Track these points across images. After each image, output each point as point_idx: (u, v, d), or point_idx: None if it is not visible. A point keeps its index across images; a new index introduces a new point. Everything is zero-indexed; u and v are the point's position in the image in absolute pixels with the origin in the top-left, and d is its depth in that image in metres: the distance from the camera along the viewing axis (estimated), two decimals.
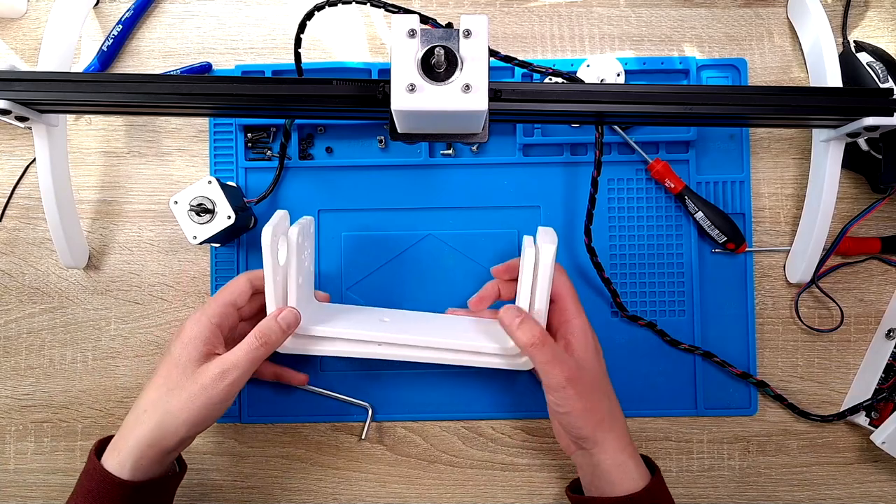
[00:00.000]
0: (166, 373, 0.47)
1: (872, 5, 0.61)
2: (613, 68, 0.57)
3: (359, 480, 0.59)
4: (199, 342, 0.47)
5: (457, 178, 0.59)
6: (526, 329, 0.47)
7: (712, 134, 0.59)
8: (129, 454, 0.46)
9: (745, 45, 0.60)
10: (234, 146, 0.59)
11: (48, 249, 0.60)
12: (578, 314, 0.50)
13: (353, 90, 0.47)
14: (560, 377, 0.46)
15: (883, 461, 0.59)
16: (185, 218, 0.52)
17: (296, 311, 0.49)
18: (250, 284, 0.51)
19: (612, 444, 0.47)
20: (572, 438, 0.49)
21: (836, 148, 0.53)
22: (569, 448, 0.51)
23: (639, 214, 0.59)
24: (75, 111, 0.52)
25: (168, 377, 0.47)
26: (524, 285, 0.49)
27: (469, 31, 0.39)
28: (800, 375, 0.59)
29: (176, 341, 0.48)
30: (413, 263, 0.59)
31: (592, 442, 0.47)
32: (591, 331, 0.50)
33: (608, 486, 0.47)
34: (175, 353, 0.48)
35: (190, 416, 0.46)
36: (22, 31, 0.61)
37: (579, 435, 0.48)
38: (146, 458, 0.46)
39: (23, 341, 0.60)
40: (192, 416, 0.46)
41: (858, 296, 0.60)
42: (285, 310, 0.48)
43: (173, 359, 0.47)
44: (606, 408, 0.48)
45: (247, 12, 0.61)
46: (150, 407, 0.47)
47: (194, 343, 0.47)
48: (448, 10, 0.61)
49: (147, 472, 0.46)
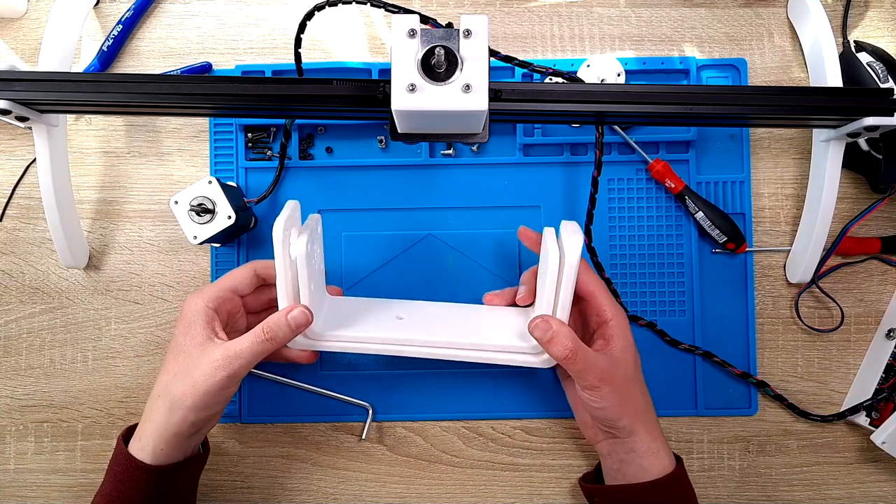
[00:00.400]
0: (173, 358, 0.48)
1: (872, 5, 0.61)
2: (613, 68, 0.57)
3: (359, 480, 0.59)
4: (199, 326, 0.48)
5: (457, 178, 0.59)
6: (558, 344, 0.46)
7: (712, 134, 0.59)
8: (148, 440, 0.47)
9: (746, 45, 0.60)
10: (234, 146, 0.59)
11: (48, 249, 0.60)
12: (615, 311, 0.50)
13: (354, 90, 0.47)
14: (594, 380, 0.47)
15: (883, 461, 0.59)
16: (185, 218, 0.52)
17: (307, 312, 0.47)
18: (254, 274, 0.51)
19: (647, 432, 0.49)
20: (604, 428, 0.50)
21: (836, 148, 0.53)
22: (595, 437, 0.52)
23: (639, 214, 0.59)
24: (75, 111, 0.52)
25: (175, 362, 0.48)
26: (548, 286, 0.47)
27: (469, 31, 0.39)
28: (800, 375, 0.59)
29: (178, 327, 0.49)
30: (413, 263, 0.59)
31: (629, 431, 0.49)
32: (627, 325, 0.51)
33: (639, 471, 0.49)
34: (178, 338, 0.48)
35: (195, 401, 0.46)
36: (22, 31, 0.61)
37: (616, 426, 0.49)
38: (164, 442, 0.47)
39: (23, 341, 0.60)
40: (196, 401, 0.46)
41: (858, 296, 0.59)
42: (296, 308, 0.47)
43: (177, 344, 0.48)
44: (642, 399, 0.50)
45: (247, 12, 0.61)
46: (163, 392, 0.48)
47: (194, 327, 0.48)
48: (448, 10, 0.61)
49: (168, 456, 0.48)
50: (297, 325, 0.47)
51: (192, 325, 0.48)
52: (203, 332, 0.48)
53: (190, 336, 0.48)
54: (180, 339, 0.48)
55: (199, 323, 0.48)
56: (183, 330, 0.48)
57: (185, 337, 0.48)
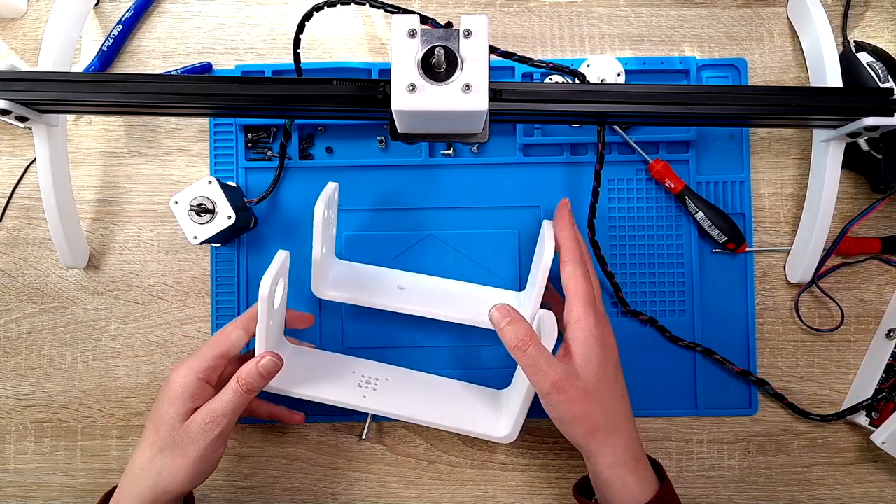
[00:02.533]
0: (154, 430, 0.47)
1: (873, 5, 0.61)
2: (613, 68, 0.57)
3: (359, 480, 0.59)
4: (186, 398, 0.47)
5: (457, 178, 0.59)
6: (511, 330, 0.45)
7: (712, 134, 0.59)
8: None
9: (746, 45, 0.60)
10: (234, 146, 0.59)
11: (48, 249, 0.60)
12: (585, 316, 0.47)
13: (354, 90, 0.47)
14: (544, 383, 0.45)
15: (883, 461, 0.59)
16: (185, 218, 0.52)
17: (276, 360, 0.48)
18: (245, 334, 0.50)
19: (607, 457, 0.46)
20: None
21: (836, 148, 0.53)
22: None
23: (639, 214, 0.59)
24: (75, 111, 0.52)
25: (157, 435, 0.46)
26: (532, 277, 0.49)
27: (469, 30, 0.39)
28: (800, 375, 0.59)
29: (162, 397, 0.47)
30: (413, 263, 0.59)
31: (586, 452, 0.47)
32: (599, 336, 0.47)
33: (609, 495, 0.46)
34: (161, 410, 0.47)
35: (188, 473, 0.46)
36: (22, 31, 0.61)
37: (572, 442, 0.47)
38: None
39: (23, 341, 0.60)
40: (189, 472, 0.46)
41: (858, 296, 0.59)
42: (265, 357, 0.47)
43: (160, 416, 0.47)
44: (601, 419, 0.46)
45: (247, 12, 0.61)
46: (147, 465, 0.46)
47: (181, 399, 0.47)
48: (448, 10, 0.61)
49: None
50: (269, 373, 0.48)
51: (178, 398, 0.47)
52: (191, 403, 0.47)
53: (174, 408, 0.46)
54: (163, 410, 0.46)
55: (187, 395, 0.47)
56: (167, 402, 0.47)
57: (168, 409, 0.46)
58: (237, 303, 0.59)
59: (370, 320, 0.58)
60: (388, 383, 0.55)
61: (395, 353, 0.58)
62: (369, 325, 0.59)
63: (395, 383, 0.55)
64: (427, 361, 0.59)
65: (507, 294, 0.57)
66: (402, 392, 0.55)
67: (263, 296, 0.46)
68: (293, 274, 0.53)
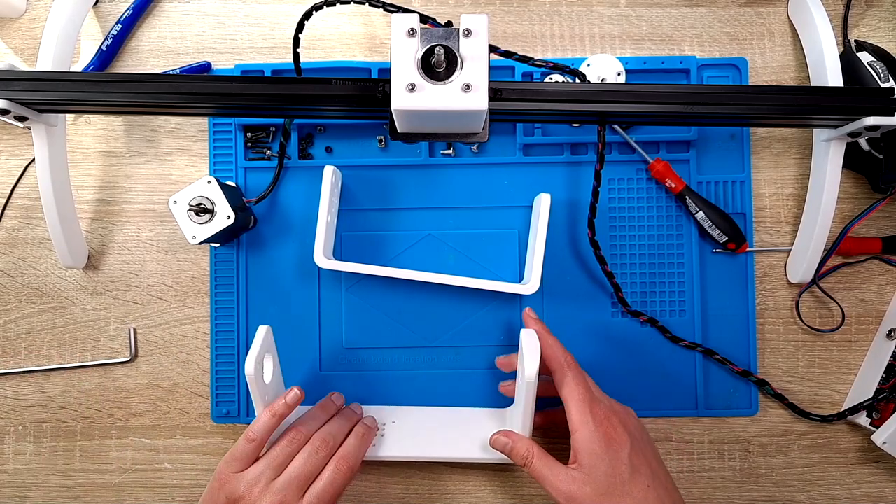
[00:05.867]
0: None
1: (873, 5, 0.61)
2: (614, 68, 0.57)
3: (359, 480, 0.59)
4: None
5: (457, 177, 0.59)
6: (515, 453, 0.49)
7: (713, 133, 0.59)
8: None
9: (746, 45, 0.60)
10: (233, 146, 0.59)
11: (47, 249, 0.60)
12: (583, 422, 0.47)
13: (353, 90, 0.47)
14: (556, 495, 0.46)
15: (884, 461, 0.59)
16: (184, 218, 0.52)
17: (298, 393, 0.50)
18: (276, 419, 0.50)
19: None
20: None
21: (836, 148, 0.53)
22: None
23: (639, 214, 0.59)
24: (74, 111, 0.52)
25: None
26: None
27: (469, 30, 0.39)
28: (800, 375, 0.59)
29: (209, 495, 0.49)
30: (413, 263, 0.59)
31: None
32: (602, 436, 0.46)
33: None
34: None
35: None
36: (21, 30, 0.61)
37: None
38: None
39: (22, 341, 0.60)
40: None
41: (859, 296, 0.59)
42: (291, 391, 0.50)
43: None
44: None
45: (246, 11, 0.61)
46: None
47: None
48: (448, 9, 0.60)
49: None
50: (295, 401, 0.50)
51: None
52: None
53: None
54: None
55: None
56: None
57: None
58: (236, 303, 0.59)
59: (370, 320, 0.58)
60: (394, 426, 0.56)
61: (395, 353, 0.59)
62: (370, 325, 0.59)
63: (401, 424, 0.56)
64: (427, 361, 0.59)
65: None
66: (410, 433, 0.56)
67: (249, 374, 0.48)
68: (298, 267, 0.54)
